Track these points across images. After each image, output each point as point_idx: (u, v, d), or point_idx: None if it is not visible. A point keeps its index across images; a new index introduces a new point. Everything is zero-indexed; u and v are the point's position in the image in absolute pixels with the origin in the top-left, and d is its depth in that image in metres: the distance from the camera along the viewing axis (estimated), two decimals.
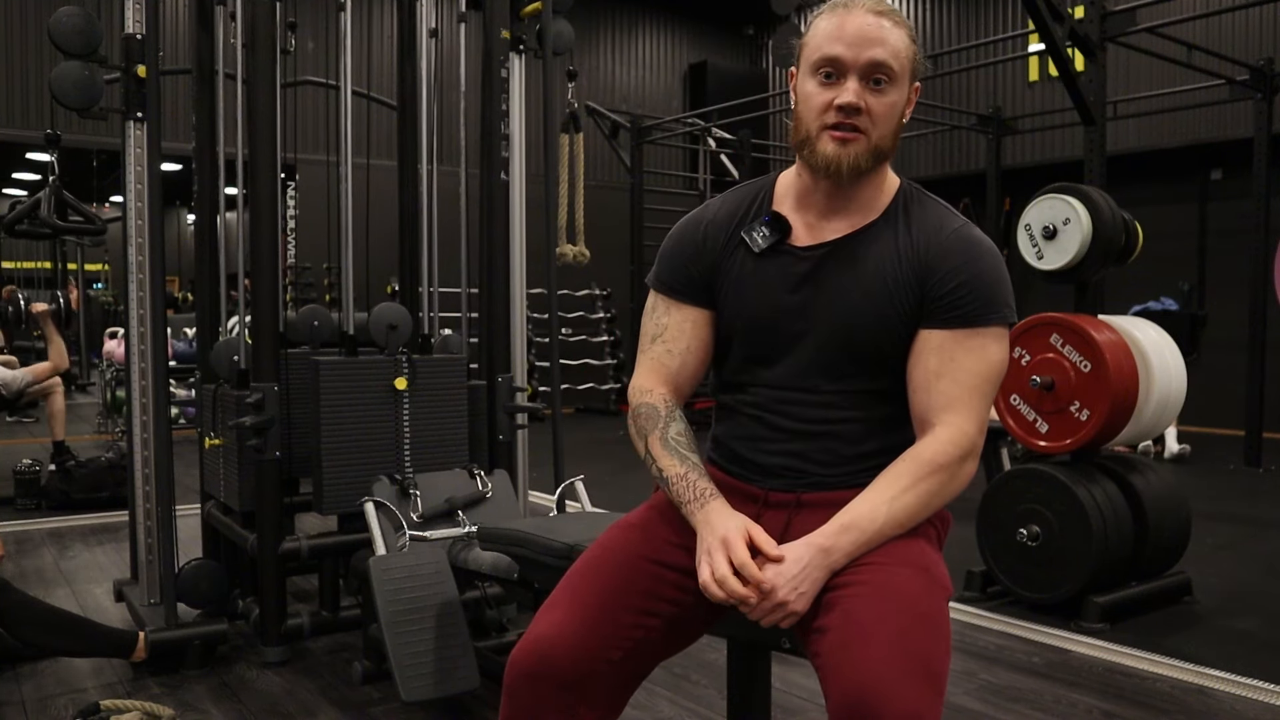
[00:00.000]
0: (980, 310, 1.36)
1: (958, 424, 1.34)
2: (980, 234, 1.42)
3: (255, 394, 2.73)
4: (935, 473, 1.33)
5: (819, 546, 1.27)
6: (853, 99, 1.34)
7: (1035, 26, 3.68)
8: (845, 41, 1.34)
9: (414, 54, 3.32)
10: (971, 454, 1.35)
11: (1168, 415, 3.57)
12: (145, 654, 2.72)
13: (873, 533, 1.30)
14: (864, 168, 1.38)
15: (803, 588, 1.25)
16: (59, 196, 4.99)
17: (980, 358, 1.36)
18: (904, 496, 1.32)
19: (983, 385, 1.36)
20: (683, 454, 1.41)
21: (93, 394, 11.46)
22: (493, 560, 2.37)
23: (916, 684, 1.14)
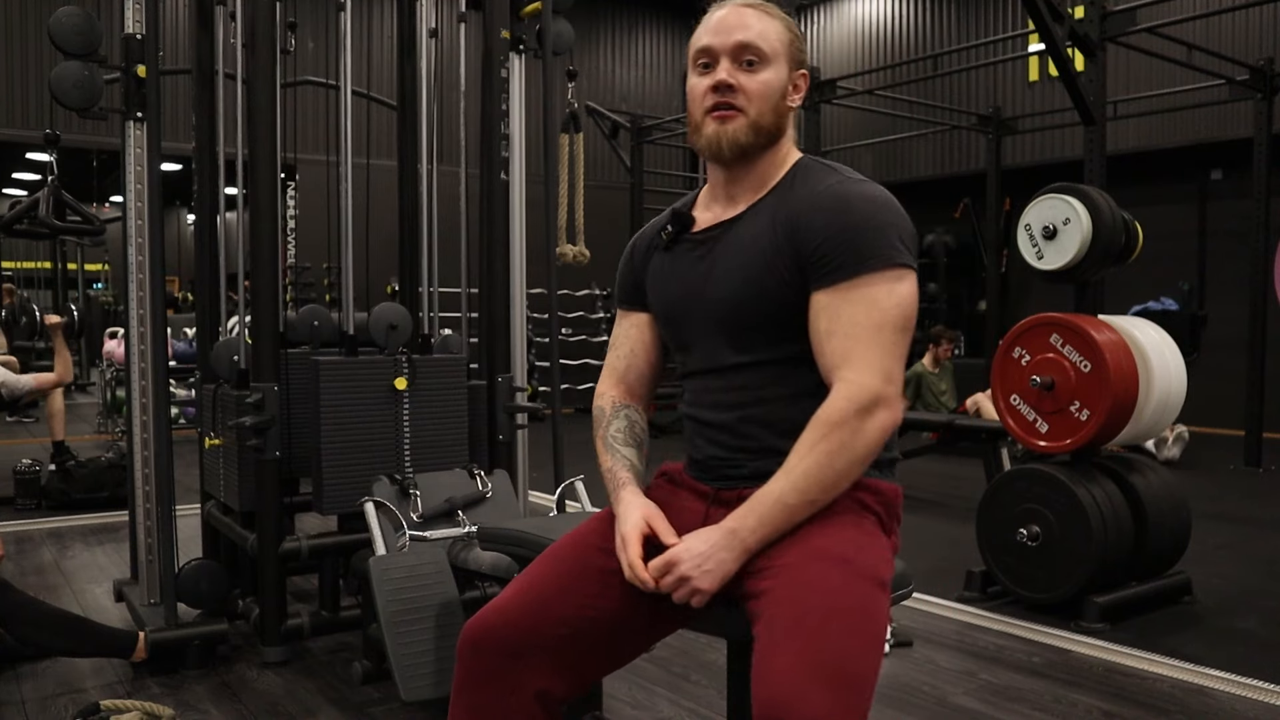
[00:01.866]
0: (855, 259, 1.33)
1: (851, 378, 1.31)
2: (860, 188, 1.38)
3: (255, 394, 2.73)
4: (832, 431, 1.29)
5: (725, 528, 1.29)
6: (724, 76, 1.41)
7: (1035, 26, 3.68)
8: (713, 31, 1.43)
9: (414, 54, 3.32)
10: (874, 405, 1.30)
11: (1168, 415, 3.57)
12: (145, 654, 2.72)
13: (772, 503, 1.29)
14: (744, 142, 1.42)
15: (708, 566, 1.28)
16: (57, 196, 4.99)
17: (869, 307, 1.32)
18: (802, 462, 1.29)
19: (877, 334, 1.32)
20: (615, 449, 1.51)
21: (93, 394, 11.46)
22: (493, 560, 2.37)
23: (824, 690, 1.13)
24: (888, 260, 1.33)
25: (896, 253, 1.34)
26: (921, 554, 4.18)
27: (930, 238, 10.23)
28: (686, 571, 1.27)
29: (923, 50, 10.27)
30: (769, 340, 1.41)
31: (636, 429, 1.55)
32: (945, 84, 9.88)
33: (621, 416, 1.55)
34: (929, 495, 5.75)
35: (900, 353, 1.35)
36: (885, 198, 1.38)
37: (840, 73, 8.65)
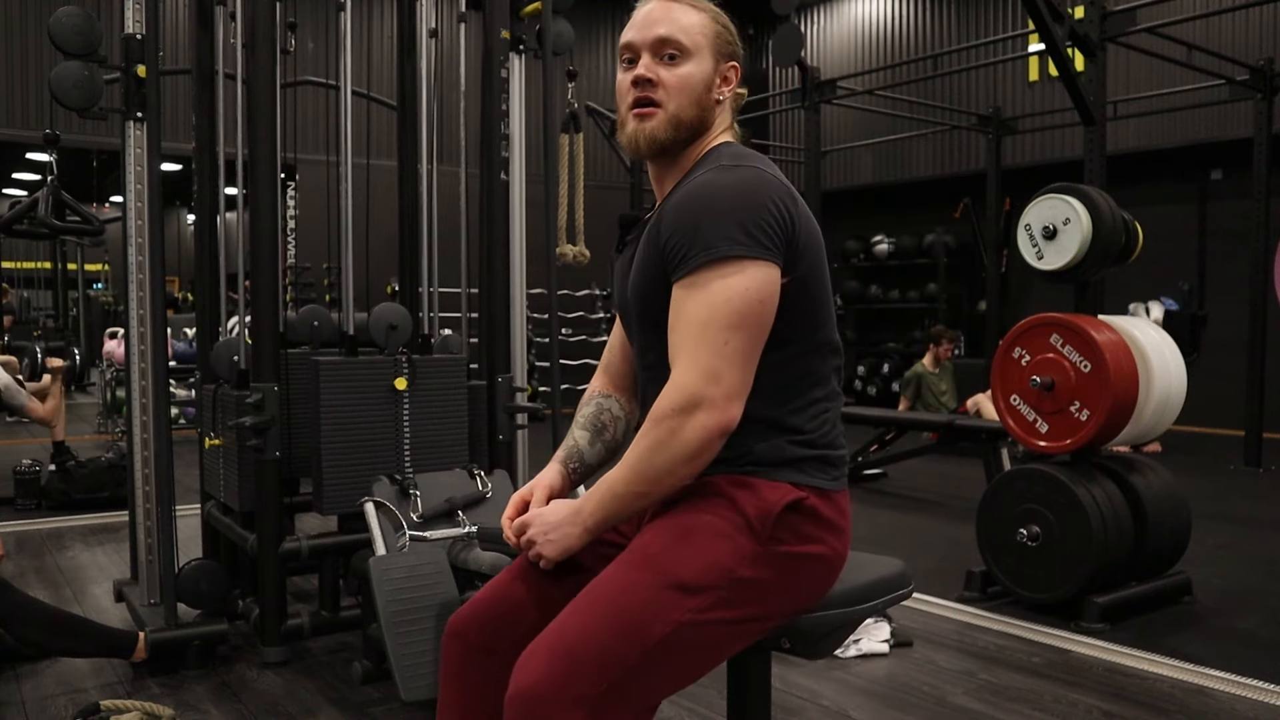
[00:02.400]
0: (691, 251, 1.29)
1: (675, 376, 1.28)
2: (722, 176, 1.33)
3: (255, 394, 2.73)
4: (652, 427, 1.28)
5: (574, 505, 1.35)
6: (641, 71, 1.40)
7: (1035, 26, 3.68)
8: (635, 27, 1.43)
9: (414, 54, 3.32)
10: (691, 406, 1.25)
11: (1168, 415, 3.57)
12: (145, 654, 2.72)
13: (605, 489, 1.31)
14: (662, 139, 1.40)
15: (552, 536, 1.34)
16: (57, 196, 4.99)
17: (700, 302, 1.27)
18: (630, 454, 1.30)
19: (704, 331, 1.26)
20: (570, 431, 1.58)
21: (93, 394, 11.46)
22: (493, 560, 2.37)
23: (542, 662, 1.21)
24: (718, 252, 1.27)
25: (730, 243, 1.27)
26: (921, 554, 4.18)
27: (930, 238, 10.24)
28: (533, 536, 1.36)
29: (923, 50, 10.27)
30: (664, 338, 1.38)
31: (603, 416, 1.58)
32: (945, 84, 9.87)
33: (592, 404, 1.60)
34: (929, 495, 5.75)
35: (734, 351, 1.27)
36: (742, 184, 1.31)
37: (840, 73, 8.65)
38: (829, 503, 1.37)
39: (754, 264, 1.28)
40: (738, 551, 1.30)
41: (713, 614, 1.27)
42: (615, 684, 1.21)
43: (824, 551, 1.36)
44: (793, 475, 1.35)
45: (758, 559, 1.30)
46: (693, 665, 1.31)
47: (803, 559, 1.34)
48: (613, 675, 1.21)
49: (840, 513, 1.40)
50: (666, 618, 1.24)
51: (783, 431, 1.36)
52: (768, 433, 1.36)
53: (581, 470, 1.55)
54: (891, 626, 3.07)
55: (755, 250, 1.28)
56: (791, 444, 1.36)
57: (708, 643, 1.30)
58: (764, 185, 1.32)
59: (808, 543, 1.34)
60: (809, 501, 1.35)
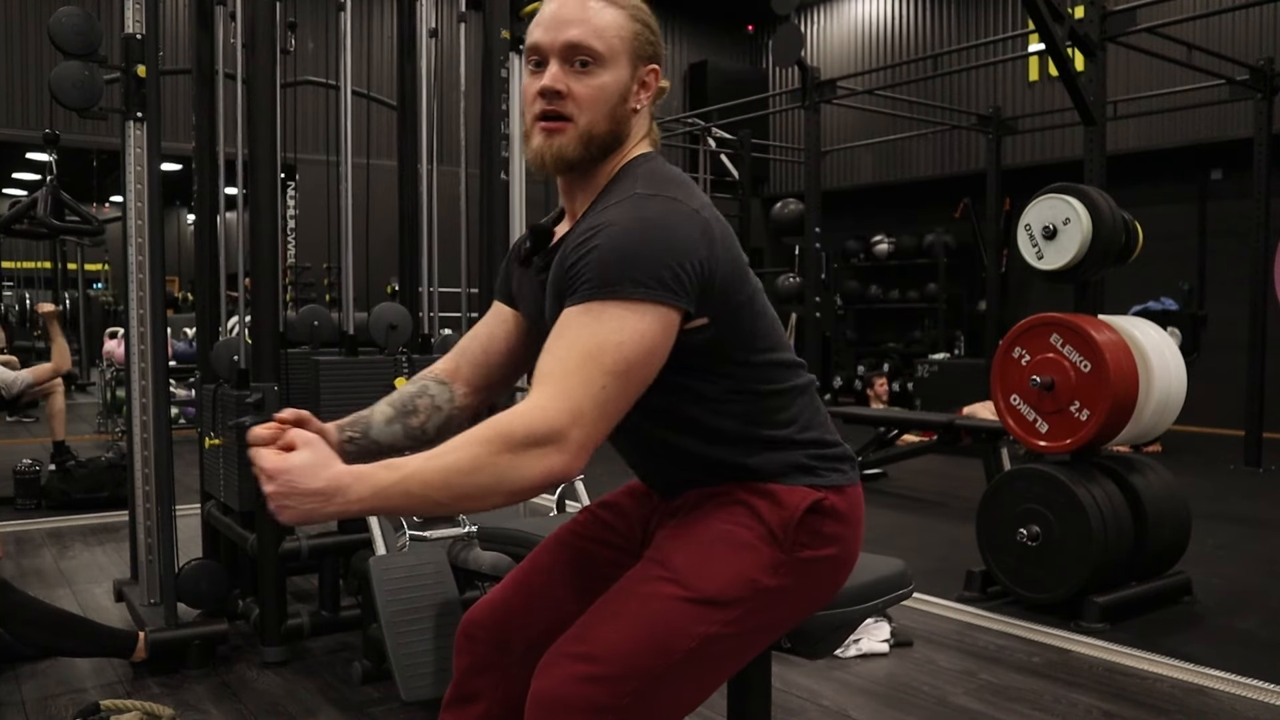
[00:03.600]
0: (586, 284, 1.16)
1: (538, 397, 1.13)
2: (629, 208, 1.21)
3: (255, 394, 2.73)
4: (494, 439, 1.10)
5: (337, 481, 1.09)
6: (549, 82, 1.26)
7: (1035, 26, 3.68)
8: (543, 26, 1.28)
9: (414, 54, 3.32)
10: (548, 441, 1.10)
11: (1168, 415, 3.57)
12: (145, 654, 2.72)
13: (394, 482, 1.09)
14: (571, 158, 1.28)
15: (292, 502, 1.09)
16: (56, 196, 4.99)
17: (590, 333, 1.14)
18: (447, 456, 1.11)
19: (585, 365, 1.13)
20: (377, 403, 1.42)
21: (93, 394, 11.46)
22: (493, 560, 2.37)
23: (566, 668, 1.19)
24: (621, 291, 1.14)
25: (635, 285, 1.14)
26: (921, 554, 4.18)
27: (930, 238, 10.24)
28: (276, 491, 1.10)
29: (923, 50, 10.27)
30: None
31: (420, 400, 1.41)
32: (945, 84, 9.88)
33: (418, 385, 1.43)
34: (929, 495, 5.75)
35: (609, 398, 1.14)
36: (657, 221, 1.19)
37: (840, 73, 8.65)
38: (845, 498, 1.36)
39: (655, 309, 1.16)
40: (761, 562, 1.28)
41: (737, 626, 1.26)
42: (639, 694, 1.20)
43: (840, 552, 1.35)
44: (809, 479, 1.33)
45: (780, 567, 1.29)
46: (714, 676, 1.30)
47: (821, 562, 1.33)
48: (637, 686, 1.20)
49: (855, 507, 1.38)
50: (692, 631, 1.23)
51: (780, 446, 1.33)
52: (765, 450, 1.32)
53: (359, 445, 1.36)
54: (891, 626, 3.07)
55: (661, 295, 1.16)
56: (798, 450, 1.34)
57: (730, 653, 1.29)
58: (680, 222, 1.20)
59: (826, 544, 1.32)
60: (827, 502, 1.32)
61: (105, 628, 2.79)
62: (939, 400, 7.53)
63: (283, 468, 1.10)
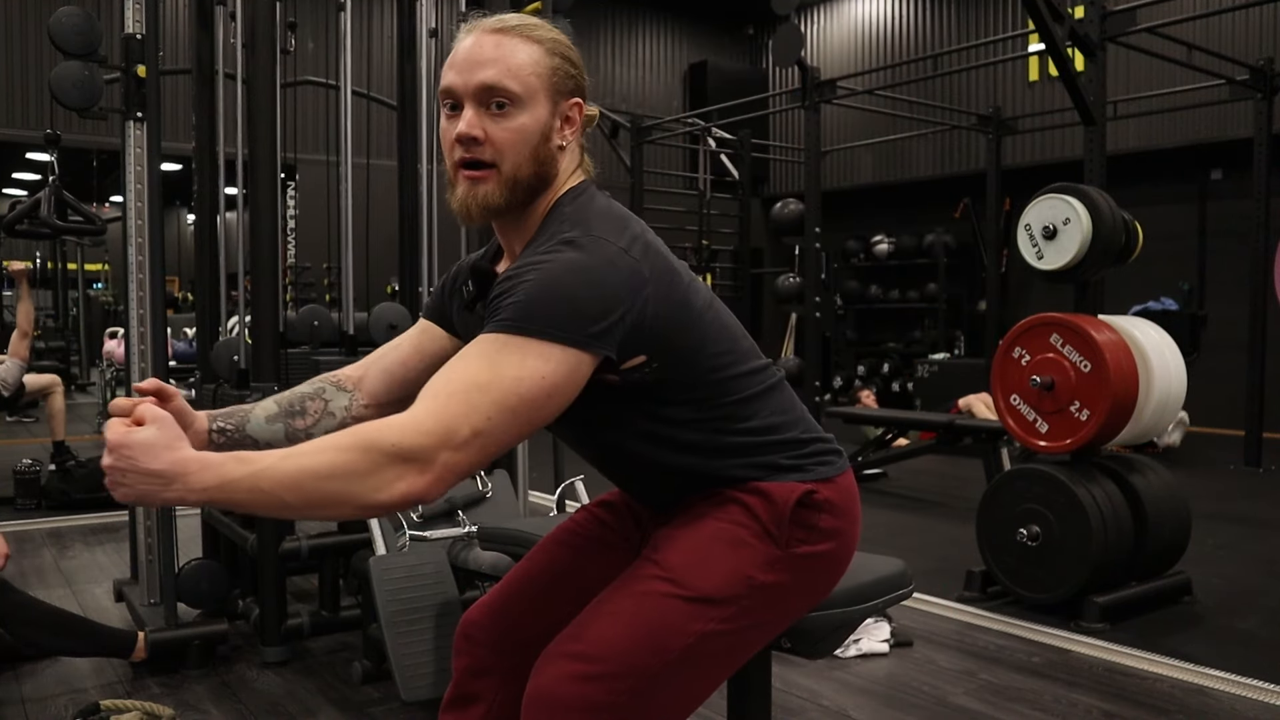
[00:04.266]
0: (498, 316, 1.13)
1: (415, 412, 1.07)
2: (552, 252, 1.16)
3: (255, 394, 2.73)
4: (354, 448, 1.04)
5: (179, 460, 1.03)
6: (465, 129, 1.21)
7: (1035, 26, 3.68)
8: (456, 68, 1.23)
9: (414, 54, 3.32)
10: (416, 458, 1.05)
11: (1168, 415, 3.57)
12: (145, 654, 2.72)
13: (244, 475, 1.02)
14: (497, 205, 1.23)
15: (130, 481, 1.02)
16: (59, 196, 4.99)
17: (488, 362, 1.10)
18: (303, 457, 1.04)
19: (474, 392, 1.08)
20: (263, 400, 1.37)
21: (93, 394, 11.46)
22: (493, 560, 2.37)
23: (562, 667, 1.20)
24: (532, 328, 1.10)
25: (548, 325, 1.10)
26: (921, 554, 4.18)
27: (930, 238, 10.24)
28: (114, 465, 1.03)
29: (923, 50, 10.27)
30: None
31: (312, 403, 1.36)
32: (945, 84, 9.88)
33: (314, 386, 1.38)
34: (929, 495, 5.75)
35: (491, 428, 1.08)
36: (570, 266, 1.14)
37: (840, 73, 8.65)
38: (835, 488, 1.35)
39: (565, 354, 1.11)
40: (757, 558, 1.27)
41: (734, 623, 1.26)
42: (635, 693, 1.20)
43: (837, 546, 1.34)
44: (796, 476, 1.32)
45: (776, 563, 1.28)
46: (712, 675, 1.29)
47: (818, 558, 1.32)
48: (633, 685, 1.19)
49: (849, 496, 1.37)
50: (689, 629, 1.22)
51: (756, 451, 1.31)
52: (741, 457, 1.31)
53: (231, 439, 1.29)
54: (891, 626, 3.07)
55: (575, 339, 1.11)
56: (776, 454, 1.32)
57: (727, 650, 1.29)
58: (605, 267, 1.15)
59: (823, 539, 1.32)
60: (819, 495, 1.32)
61: (105, 628, 2.79)
62: (939, 400, 7.52)
63: (124, 442, 1.02)
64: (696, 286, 1.28)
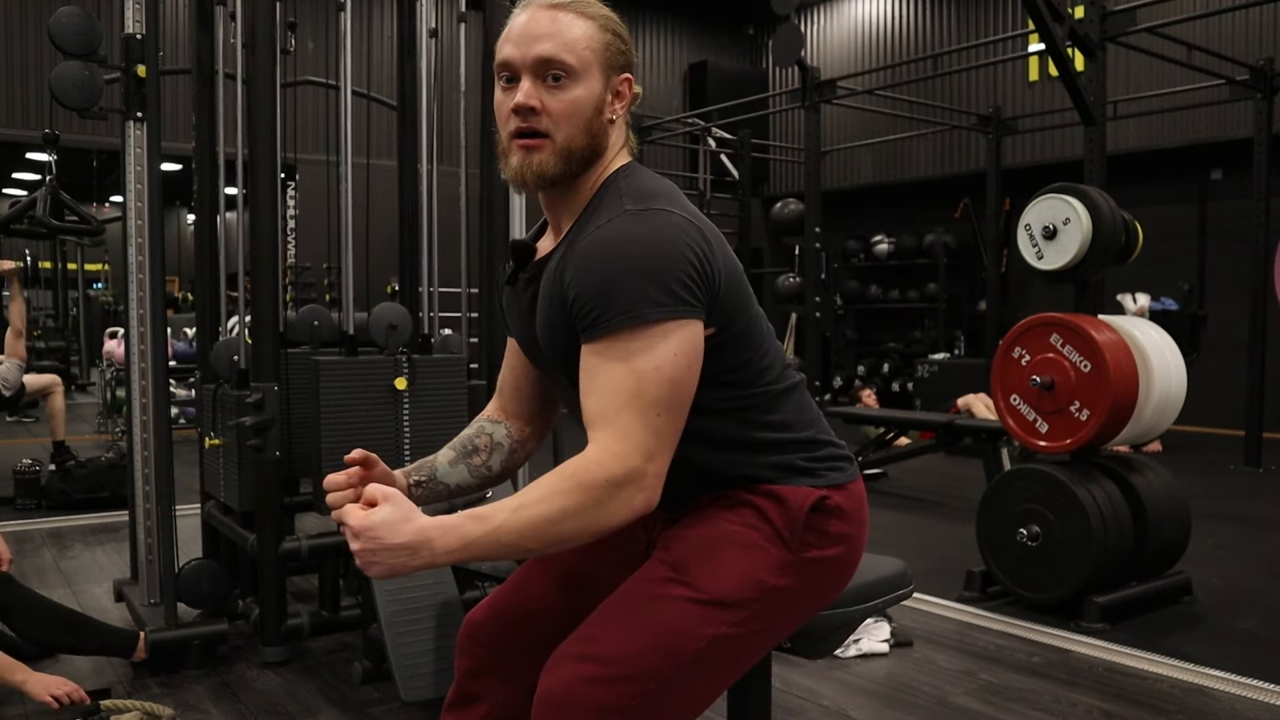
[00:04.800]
0: (601, 317, 1.16)
1: (604, 442, 1.14)
2: (625, 228, 1.19)
3: (255, 394, 2.73)
4: (575, 490, 1.12)
5: (424, 534, 1.11)
6: (522, 99, 1.24)
7: (1035, 26, 3.68)
8: (514, 41, 1.26)
9: (414, 54, 3.32)
10: (627, 482, 1.13)
11: (1168, 415, 3.57)
12: (146, 654, 2.72)
13: (484, 533, 1.11)
14: (552, 174, 1.26)
15: (381, 558, 1.11)
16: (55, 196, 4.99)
17: (626, 370, 1.15)
18: (533, 507, 1.12)
19: (634, 402, 1.14)
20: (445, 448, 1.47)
21: (93, 394, 11.46)
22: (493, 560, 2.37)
23: (573, 669, 1.20)
24: (640, 317, 1.15)
25: (653, 306, 1.15)
26: (921, 554, 4.18)
27: (930, 238, 10.24)
28: (361, 549, 1.12)
29: (923, 50, 10.26)
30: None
31: (479, 439, 1.47)
32: (945, 84, 9.87)
33: (475, 426, 1.49)
34: (929, 495, 5.75)
35: (665, 425, 1.16)
36: (655, 235, 1.18)
37: (840, 73, 8.65)
38: (847, 495, 1.36)
39: (678, 325, 1.16)
40: (769, 562, 1.28)
41: (745, 626, 1.26)
42: (647, 695, 1.20)
43: (845, 551, 1.35)
44: (808, 480, 1.33)
45: (788, 567, 1.29)
46: (720, 678, 1.29)
47: (828, 562, 1.33)
48: (645, 687, 1.20)
49: (859, 503, 1.38)
50: (701, 632, 1.23)
51: (774, 449, 1.32)
52: (759, 454, 1.32)
53: (428, 490, 1.41)
54: (891, 626, 3.07)
55: (679, 309, 1.16)
56: (794, 453, 1.33)
57: (737, 654, 1.29)
58: (679, 233, 1.19)
59: (832, 544, 1.33)
60: (831, 500, 1.33)
61: (107, 626, 2.80)
62: (939, 400, 7.52)
63: (367, 525, 1.11)
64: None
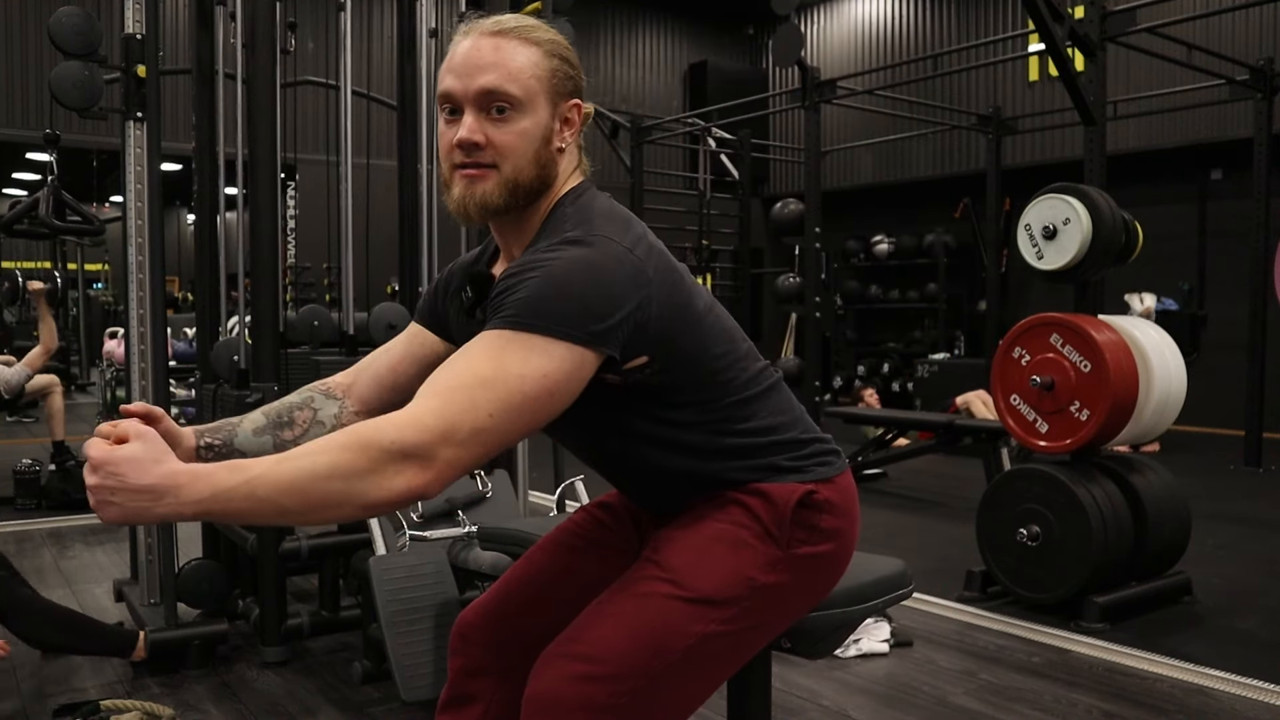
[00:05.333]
0: (502, 310, 1.13)
1: (417, 409, 1.06)
2: (559, 252, 1.15)
3: (255, 394, 2.73)
4: (354, 447, 1.02)
5: (168, 473, 1.00)
6: (465, 134, 1.21)
7: (1035, 26, 3.68)
8: (455, 72, 1.22)
9: (414, 54, 3.32)
10: (418, 454, 1.03)
11: (1168, 415, 3.57)
12: (145, 654, 2.72)
13: (241, 484, 0.99)
14: (495, 205, 1.23)
15: (119, 499, 1.00)
16: (57, 196, 4.99)
17: (490, 358, 1.09)
18: (302, 459, 1.02)
19: (476, 389, 1.07)
20: (256, 412, 1.37)
21: (93, 394, 11.46)
22: (493, 560, 2.37)
23: (562, 668, 1.19)
24: (537, 326, 1.10)
25: (553, 322, 1.10)
26: (921, 554, 4.18)
27: (930, 238, 10.24)
28: (99, 484, 1.01)
29: (923, 50, 10.26)
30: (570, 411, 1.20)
31: (300, 413, 1.36)
32: (945, 84, 9.87)
33: (302, 395, 1.39)
34: (929, 495, 5.75)
35: (491, 426, 1.07)
36: (578, 262, 1.14)
37: (840, 73, 8.65)
38: (835, 488, 1.35)
39: (569, 351, 1.11)
40: (758, 559, 1.27)
41: (735, 624, 1.26)
42: (636, 694, 1.19)
43: (836, 547, 1.34)
44: (796, 477, 1.32)
45: (777, 564, 1.29)
46: (712, 676, 1.29)
47: (819, 558, 1.33)
48: (634, 685, 1.19)
49: (848, 496, 1.37)
50: (689, 630, 1.22)
51: (755, 453, 1.31)
52: (740, 458, 1.31)
53: (219, 454, 1.28)
54: (891, 626, 3.07)
55: (579, 338, 1.11)
56: (776, 455, 1.32)
57: (727, 651, 1.28)
58: (612, 266, 1.15)
59: (823, 540, 1.32)
60: (819, 495, 1.32)
61: (106, 626, 2.80)
62: (939, 400, 7.52)
63: (110, 458, 1.00)
64: (697, 288, 1.29)
